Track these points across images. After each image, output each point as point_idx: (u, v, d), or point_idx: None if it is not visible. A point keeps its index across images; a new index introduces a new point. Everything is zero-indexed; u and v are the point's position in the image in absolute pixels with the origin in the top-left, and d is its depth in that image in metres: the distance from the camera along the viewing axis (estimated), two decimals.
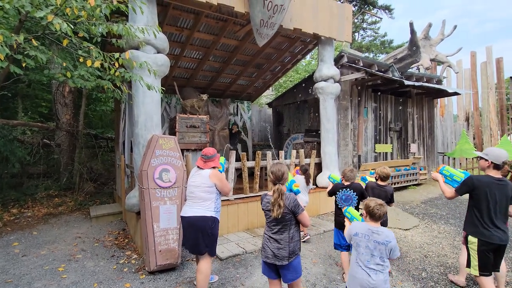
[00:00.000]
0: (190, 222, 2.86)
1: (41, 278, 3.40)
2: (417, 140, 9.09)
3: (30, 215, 6.05)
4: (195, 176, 3.00)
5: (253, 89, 9.55)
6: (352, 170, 3.45)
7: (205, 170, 2.97)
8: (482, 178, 2.57)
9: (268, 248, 2.31)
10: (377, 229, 2.16)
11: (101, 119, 10.65)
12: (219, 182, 2.95)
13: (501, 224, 2.47)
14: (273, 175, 2.34)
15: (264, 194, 2.42)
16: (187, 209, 2.94)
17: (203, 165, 3.00)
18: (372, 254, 2.12)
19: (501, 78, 13.59)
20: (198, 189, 2.91)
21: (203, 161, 3.01)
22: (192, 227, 2.85)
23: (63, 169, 8.01)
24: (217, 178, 2.95)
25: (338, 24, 5.94)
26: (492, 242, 2.46)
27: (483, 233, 2.49)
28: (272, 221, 2.31)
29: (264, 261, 2.36)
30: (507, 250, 4.18)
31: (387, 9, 22.93)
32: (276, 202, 2.21)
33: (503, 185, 2.48)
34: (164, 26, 5.60)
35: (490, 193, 2.47)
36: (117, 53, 3.32)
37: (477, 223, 2.54)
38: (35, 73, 6.37)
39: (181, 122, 5.31)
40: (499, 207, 2.46)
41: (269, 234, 2.33)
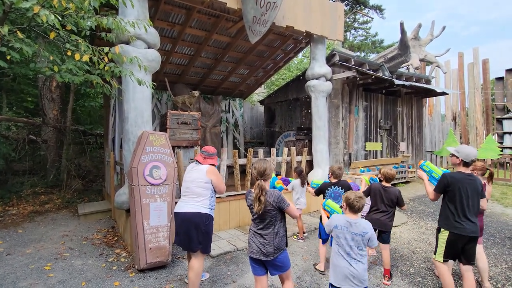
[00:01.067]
0: (185, 218, 2.82)
1: (26, 277, 3.32)
2: (406, 139, 9.25)
3: (15, 213, 5.89)
4: (191, 171, 2.98)
5: (245, 87, 9.51)
6: (340, 167, 3.46)
7: (202, 165, 2.97)
8: (454, 174, 2.70)
9: (253, 243, 2.32)
10: (355, 221, 2.24)
11: (90, 115, 10.43)
12: (216, 178, 2.93)
13: (473, 217, 2.61)
14: (255, 171, 2.37)
15: (249, 191, 2.42)
16: (182, 205, 2.89)
17: (202, 161, 3.00)
18: (350, 245, 2.21)
19: (487, 79, 13.93)
20: (193, 184, 2.89)
21: (203, 157, 3.02)
22: (186, 223, 2.81)
23: (50, 166, 7.82)
24: (213, 174, 2.93)
25: (330, 23, 5.96)
26: (464, 234, 2.59)
27: (455, 226, 2.62)
28: (257, 217, 2.31)
29: (250, 256, 2.37)
30: (490, 246, 4.31)
31: (378, 9, 23.16)
32: (257, 198, 2.21)
33: (473, 180, 2.64)
34: (155, 21, 5.51)
35: (462, 188, 2.61)
36: (106, 47, 3.25)
37: (451, 217, 2.66)
38: (20, 67, 6.17)
39: (172, 118, 5.25)
40: (471, 201, 2.60)
41: (255, 230, 2.34)
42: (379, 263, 3.73)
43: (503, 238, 4.66)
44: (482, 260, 3.12)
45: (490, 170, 3.21)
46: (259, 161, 2.41)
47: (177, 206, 2.95)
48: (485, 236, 4.72)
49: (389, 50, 8.20)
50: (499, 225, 5.30)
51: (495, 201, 7.17)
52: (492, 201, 7.16)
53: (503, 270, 3.57)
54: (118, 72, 3.47)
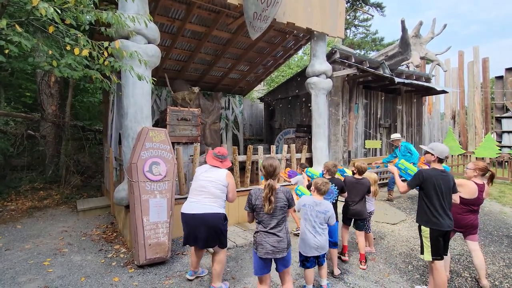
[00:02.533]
0: (203, 219, 2.74)
1: (25, 273, 3.31)
2: (406, 137, 9.25)
3: (14, 208, 5.88)
4: (209, 171, 2.92)
5: (245, 83, 9.48)
6: (335, 165, 3.51)
7: (222, 169, 2.94)
8: (429, 171, 2.79)
9: (266, 244, 2.28)
10: (320, 201, 2.80)
11: (89, 110, 10.38)
12: (232, 184, 2.93)
13: (448, 212, 2.72)
14: (265, 170, 2.34)
15: (257, 189, 2.38)
16: (196, 206, 2.79)
17: (220, 164, 2.96)
18: (315, 220, 2.74)
19: (486, 78, 13.94)
20: (212, 184, 2.83)
21: (220, 160, 2.98)
22: (205, 224, 2.74)
23: (49, 162, 7.79)
24: (231, 179, 2.93)
25: (331, 20, 5.93)
26: (442, 229, 2.68)
27: (433, 222, 2.70)
28: (267, 216, 2.29)
29: (260, 257, 2.31)
30: (488, 244, 4.33)
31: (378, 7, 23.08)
32: (267, 198, 2.21)
33: (446, 176, 2.74)
34: (155, 16, 5.47)
35: (437, 184, 2.70)
36: (106, 42, 3.22)
37: (428, 213, 2.73)
38: (18, 61, 6.12)
39: (172, 114, 5.22)
40: (445, 196, 2.71)
41: (266, 230, 2.30)
42: (378, 260, 3.75)
43: (500, 236, 4.68)
44: (478, 257, 3.14)
45: (491, 172, 3.21)
46: (268, 159, 2.37)
47: (188, 206, 2.84)
48: (483, 234, 4.74)
49: (389, 48, 8.17)
50: (497, 223, 5.33)
51: (493, 199, 7.20)
52: (490, 199, 7.19)
53: (501, 268, 3.59)
54: (118, 67, 3.44)
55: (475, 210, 3.14)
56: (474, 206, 3.12)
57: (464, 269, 3.53)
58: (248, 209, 2.39)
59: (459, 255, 3.95)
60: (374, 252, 3.99)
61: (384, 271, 3.44)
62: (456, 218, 3.18)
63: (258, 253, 2.31)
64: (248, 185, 5.32)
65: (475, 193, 3.07)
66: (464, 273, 3.43)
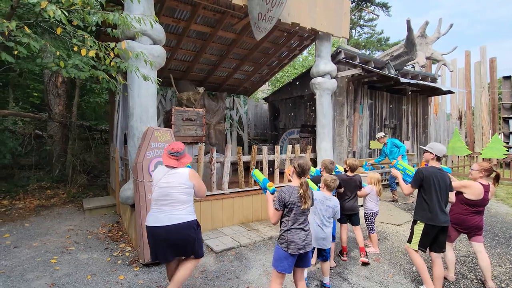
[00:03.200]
0: (172, 231, 2.42)
1: (33, 270, 3.37)
2: (411, 138, 9.19)
3: (22, 206, 5.97)
4: (169, 176, 2.51)
5: (249, 84, 9.50)
6: (332, 162, 3.56)
7: (182, 169, 2.56)
8: (428, 169, 2.91)
9: (298, 240, 2.32)
10: (329, 197, 3.03)
11: (95, 110, 10.50)
12: (198, 183, 2.59)
13: (444, 208, 2.84)
14: (299, 168, 2.37)
15: (287, 186, 2.38)
16: (162, 216, 2.43)
17: (177, 164, 2.56)
18: (323, 214, 2.95)
19: (494, 78, 13.77)
20: (176, 190, 2.46)
21: (176, 158, 2.56)
22: (175, 236, 2.43)
23: (56, 161, 7.90)
24: (196, 178, 2.59)
25: (336, 20, 5.92)
26: (437, 224, 2.80)
27: (430, 217, 2.82)
28: (300, 212, 2.34)
29: (291, 254, 2.31)
30: (495, 246, 4.29)
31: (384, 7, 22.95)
32: (306, 194, 2.29)
33: (443, 174, 2.88)
34: (161, 17, 5.52)
35: (435, 181, 2.83)
36: (112, 43, 3.26)
37: (426, 209, 2.86)
38: (27, 62, 6.21)
39: (177, 115, 5.27)
40: (442, 193, 2.83)
41: (296, 226, 2.34)
42: (383, 261, 3.73)
43: (507, 238, 4.63)
44: (483, 259, 3.11)
45: (496, 172, 3.18)
46: (302, 158, 2.42)
47: (153, 218, 2.47)
48: (490, 235, 4.69)
49: (395, 47, 8.12)
50: (504, 225, 5.26)
51: (500, 201, 7.11)
52: (497, 200, 7.10)
53: (507, 270, 3.55)
54: (124, 68, 3.49)
55: (481, 211, 3.11)
56: (479, 207, 3.09)
57: (470, 271, 3.50)
58: (279, 208, 2.32)
59: (465, 256, 3.92)
60: (378, 252, 3.98)
61: (388, 272, 3.43)
62: (461, 219, 3.16)
63: (289, 251, 2.31)
64: (252, 185, 5.34)
65: (480, 194, 3.04)
66: (470, 275, 3.40)
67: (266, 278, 3.23)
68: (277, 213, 2.35)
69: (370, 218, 4.01)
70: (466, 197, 3.10)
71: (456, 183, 3.22)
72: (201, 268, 3.42)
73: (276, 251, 2.40)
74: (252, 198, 5.22)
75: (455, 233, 3.26)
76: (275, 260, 2.39)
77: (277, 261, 2.36)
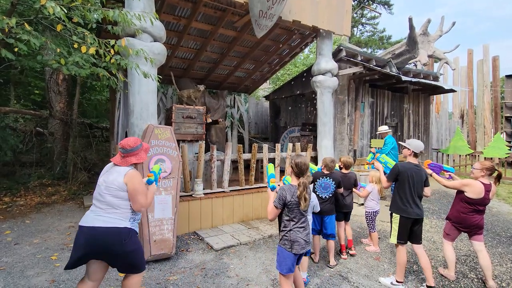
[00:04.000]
0: (94, 235, 2.02)
1: (33, 267, 3.38)
2: (413, 136, 9.15)
3: (23, 203, 5.99)
4: (108, 174, 2.20)
5: (250, 82, 9.48)
6: (333, 160, 3.54)
7: (122, 168, 2.19)
8: (404, 164, 3.06)
9: (301, 239, 2.32)
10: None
11: (96, 108, 10.52)
12: (132, 187, 2.11)
13: (418, 202, 2.99)
14: (297, 168, 2.36)
15: (289, 185, 2.38)
16: (91, 216, 2.10)
17: (120, 161, 2.22)
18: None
19: (496, 77, 13.69)
20: (107, 191, 2.11)
21: (121, 155, 2.24)
22: (95, 242, 2.02)
23: (57, 158, 7.92)
24: (132, 181, 2.12)
25: (337, 18, 5.88)
26: (410, 216, 2.95)
27: (403, 209, 2.98)
28: (300, 212, 2.34)
29: (295, 254, 2.31)
30: (496, 245, 4.27)
31: (386, 5, 22.82)
32: (302, 195, 2.26)
33: (419, 170, 3.00)
34: (161, 15, 5.50)
35: (410, 176, 2.97)
36: (112, 40, 3.25)
37: (400, 202, 3.02)
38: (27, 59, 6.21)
39: (178, 112, 5.26)
40: (416, 188, 2.97)
41: (298, 225, 2.34)
42: (383, 259, 3.73)
43: (509, 237, 4.61)
44: (484, 258, 3.10)
45: (498, 171, 3.17)
46: (300, 157, 2.39)
47: (84, 216, 2.14)
48: (491, 235, 4.68)
49: (396, 46, 8.07)
50: (505, 224, 5.25)
51: (501, 200, 7.09)
52: (498, 200, 7.08)
53: (508, 269, 3.53)
54: (124, 65, 3.48)
55: (481, 210, 3.10)
56: (480, 206, 3.08)
57: (470, 270, 3.49)
58: (279, 206, 2.30)
59: (466, 256, 3.91)
60: (379, 251, 3.97)
61: (388, 271, 3.42)
62: (461, 218, 3.15)
63: (293, 251, 2.30)
64: (253, 183, 5.34)
65: (481, 193, 3.03)
66: (471, 274, 3.39)
67: (266, 276, 3.23)
68: (275, 210, 2.33)
69: (371, 217, 4.00)
70: (466, 196, 3.09)
71: (456, 182, 3.21)
72: (200, 266, 3.42)
73: (280, 253, 2.36)
74: (252, 196, 5.22)
75: (456, 231, 3.25)
76: (280, 264, 2.35)
77: (282, 264, 2.33)
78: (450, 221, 3.29)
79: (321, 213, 3.42)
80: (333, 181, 3.44)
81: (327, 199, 3.46)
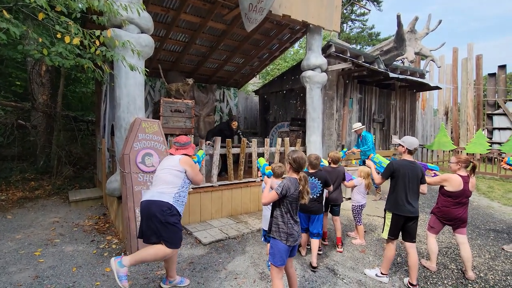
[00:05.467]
0: (144, 206, 2.56)
1: (16, 263, 3.30)
2: (399, 132, 9.34)
3: (4, 198, 5.81)
4: (164, 161, 2.82)
5: (240, 76, 9.42)
6: (317, 157, 3.43)
7: (175, 156, 2.80)
8: (400, 161, 3.03)
9: (295, 232, 2.35)
10: None
11: (81, 101, 10.23)
12: (191, 169, 2.72)
13: (413, 200, 2.95)
14: (296, 163, 2.36)
15: (291, 178, 2.36)
16: (146, 193, 2.69)
17: (174, 152, 2.85)
18: None
19: (479, 75, 14.08)
20: (163, 171, 2.68)
21: (175, 148, 2.86)
22: (145, 212, 2.54)
23: (40, 152, 7.69)
24: (188, 164, 2.72)
25: (327, 13, 5.89)
26: (402, 214, 2.93)
27: (396, 207, 2.96)
28: (296, 205, 2.37)
29: (289, 246, 2.33)
30: (475, 237, 4.44)
31: (375, 1, 23.01)
32: (305, 189, 2.29)
33: (414, 166, 2.98)
34: (149, 6, 5.37)
35: (405, 173, 2.94)
36: (98, 30, 3.16)
37: (393, 199, 3.00)
38: (7, 49, 5.98)
39: (166, 106, 5.19)
40: (412, 185, 2.94)
41: (294, 219, 2.37)
42: (368, 252, 3.82)
43: (487, 230, 4.80)
44: (465, 250, 3.22)
45: (473, 163, 3.30)
46: (297, 152, 2.40)
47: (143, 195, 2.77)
48: (471, 227, 4.86)
49: (385, 42, 8.18)
50: (484, 218, 5.46)
51: (481, 194, 7.36)
52: (479, 194, 7.34)
53: (486, 260, 3.69)
54: (110, 57, 3.39)
55: (464, 202, 3.21)
56: (462, 199, 3.19)
57: (451, 261, 3.62)
58: (280, 194, 2.27)
59: (447, 248, 4.05)
60: (364, 244, 4.06)
61: (373, 263, 3.51)
62: (445, 211, 3.26)
63: (288, 243, 2.31)
64: (241, 178, 5.34)
65: (460, 185, 3.15)
66: (451, 265, 3.52)
67: (254, 269, 3.26)
68: (275, 197, 2.30)
69: (357, 210, 4.08)
70: (447, 190, 3.22)
71: (436, 178, 3.32)
72: (189, 260, 3.42)
73: (275, 246, 2.34)
74: (241, 191, 5.23)
75: (440, 225, 3.36)
76: (274, 256, 2.34)
77: (277, 256, 2.33)
78: (434, 214, 3.39)
79: (309, 212, 3.40)
80: (319, 180, 3.37)
81: (315, 199, 3.38)
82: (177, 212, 2.59)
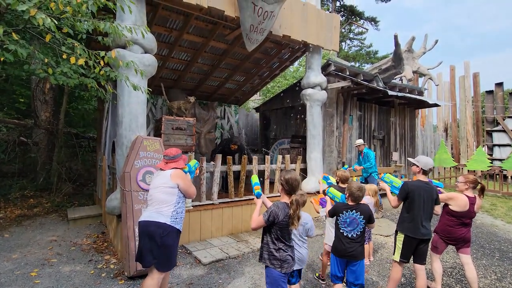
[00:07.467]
0: (142, 227, 2.55)
1: (11, 284, 3.22)
2: (399, 149, 9.35)
3: (2, 216, 5.74)
4: (155, 178, 2.74)
5: (240, 93, 9.55)
6: (360, 188, 2.70)
7: (166, 171, 2.70)
8: (414, 183, 2.95)
9: (289, 257, 2.24)
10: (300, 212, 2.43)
11: (83, 118, 10.31)
12: (183, 182, 2.64)
13: (426, 222, 2.88)
14: (288, 185, 2.22)
15: (281, 203, 2.23)
16: (144, 213, 2.66)
17: (164, 166, 2.74)
18: (294, 233, 2.51)
19: (477, 92, 14.26)
20: (156, 190, 2.62)
21: (165, 162, 2.76)
22: (143, 233, 2.53)
23: (40, 169, 7.68)
24: (179, 177, 2.64)
25: (326, 33, 6.06)
26: (416, 237, 2.85)
27: (409, 229, 2.88)
28: (288, 232, 2.24)
29: (284, 273, 2.22)
30: (480, 257, 4.35)
31: (373, 21, 23.65)
32: (296, 215, 2.15)
33: (429, 188, 2.90)
34: (153, 26, 5.53)
35: (420, 195, 2.86)
36: (102, 51, 3.24)
37: (407, 221, 2.92)
38: (13, 68, 6.10)
39: (167, 124, 5.23)
40: (426, 207, 2.87)
41: (285, 244, 2.24)
42: (372, 272, 3.73)
43: (492, 249, 4.71)
44: (471, 271, 3.15)
45: (481, 185, 3.25)
46: (290, 173, 2.27)
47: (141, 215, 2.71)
48: (475, 247, 4.77)
49: (383, 61, 8.34)
50: (488, 236, 5.36)
51: (485, 212, 7.27)
52: (482, 212, 7.25)
53: (492, 281, 3.60)
54: (114, 77, 3.47)
55: (467, 223, 3.17)
56: (465, 219, 3.14)
57: (457, 283, 3.53)
58: (267, 222, 2.15)
59: (452, 268, 3.96)
60: (371, 260, 3.99)
61: (377, 284, 3.43)
62: (448, 230, 3.21)
63: (283, 270, 2.19)
64: (242, 195, 5.30)
65: (466, 206, 3.11)
66: (457, 286, 3.43)
67: None
68: (261, 223, 2.18)
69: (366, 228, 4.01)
70: (451, 209, 3.16)
71: (443, 195, 3.26)
72: (188, 281, 3.34)
73: (270, 275, 2.23)
74: (241, 209, 5.18)
75: (443, 245, 3.30)
76: (271, 286, 2.22)
77: (274, 286, 2.21)
78: (437, 234, 3.34)
79: (347, 256, 2.66)
80: (361, 215, 2.67)
81: (355, 238, 2.65)
82: (175, 231, 2.59)
